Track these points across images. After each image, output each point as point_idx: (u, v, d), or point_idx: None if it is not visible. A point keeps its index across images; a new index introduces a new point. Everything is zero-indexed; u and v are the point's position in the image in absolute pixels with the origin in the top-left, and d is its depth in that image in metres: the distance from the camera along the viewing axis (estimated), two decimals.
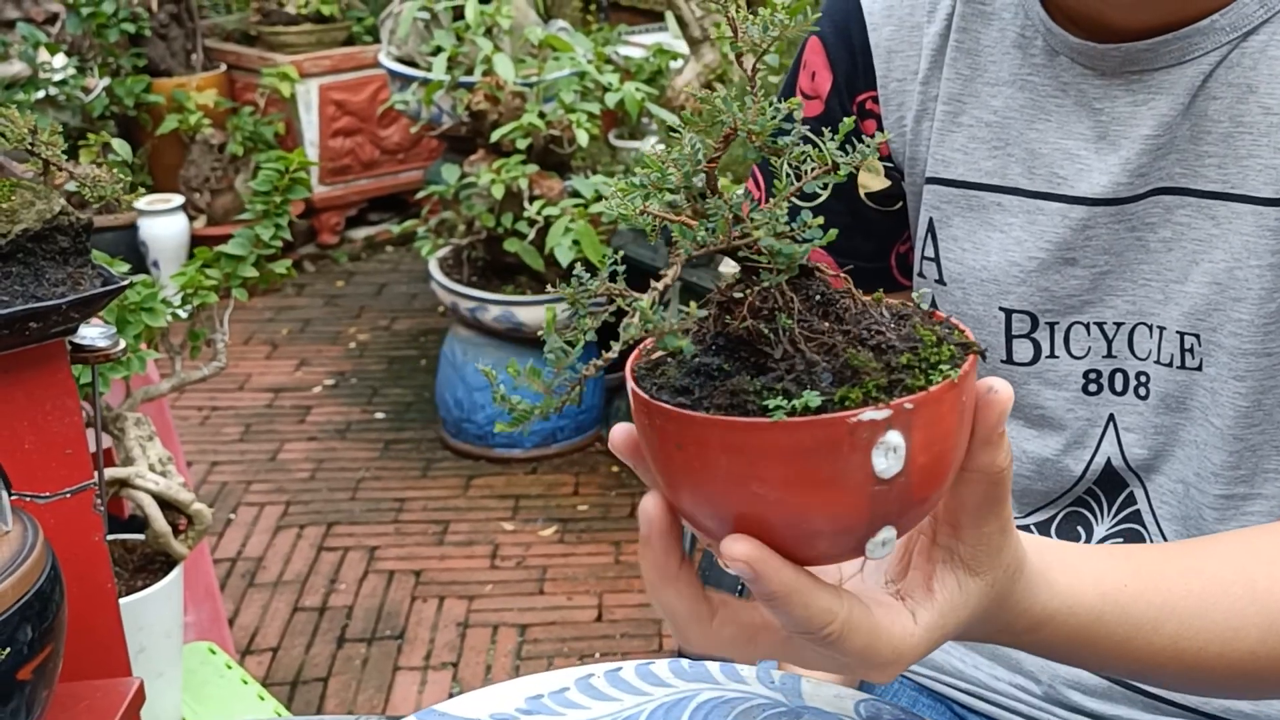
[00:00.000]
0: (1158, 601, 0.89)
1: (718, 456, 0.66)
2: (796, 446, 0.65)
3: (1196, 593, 0.91)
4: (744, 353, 0.69)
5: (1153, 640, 0.89)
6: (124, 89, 5.37)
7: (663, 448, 0.69)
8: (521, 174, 3.76)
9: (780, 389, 0.66)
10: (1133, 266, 1.10)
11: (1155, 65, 1.05)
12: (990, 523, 0.75)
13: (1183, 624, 0.90)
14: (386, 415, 4.51)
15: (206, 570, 2.66)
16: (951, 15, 1.15)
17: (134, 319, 2.13)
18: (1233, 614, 0.91)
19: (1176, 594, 0.90)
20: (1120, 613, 0.87)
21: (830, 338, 0.68)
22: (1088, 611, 0.86)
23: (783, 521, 0.68)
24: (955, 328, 0.73)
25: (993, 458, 0.72)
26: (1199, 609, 0.91)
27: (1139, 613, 0.88)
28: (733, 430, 0.65)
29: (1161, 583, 0.90)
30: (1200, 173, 1.05)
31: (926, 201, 1.17)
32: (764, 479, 0.66)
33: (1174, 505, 1.14)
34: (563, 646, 3.30)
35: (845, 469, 0.65)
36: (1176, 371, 1.10)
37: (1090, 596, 0.86)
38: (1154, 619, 0.89)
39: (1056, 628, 0.85)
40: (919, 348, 0.69)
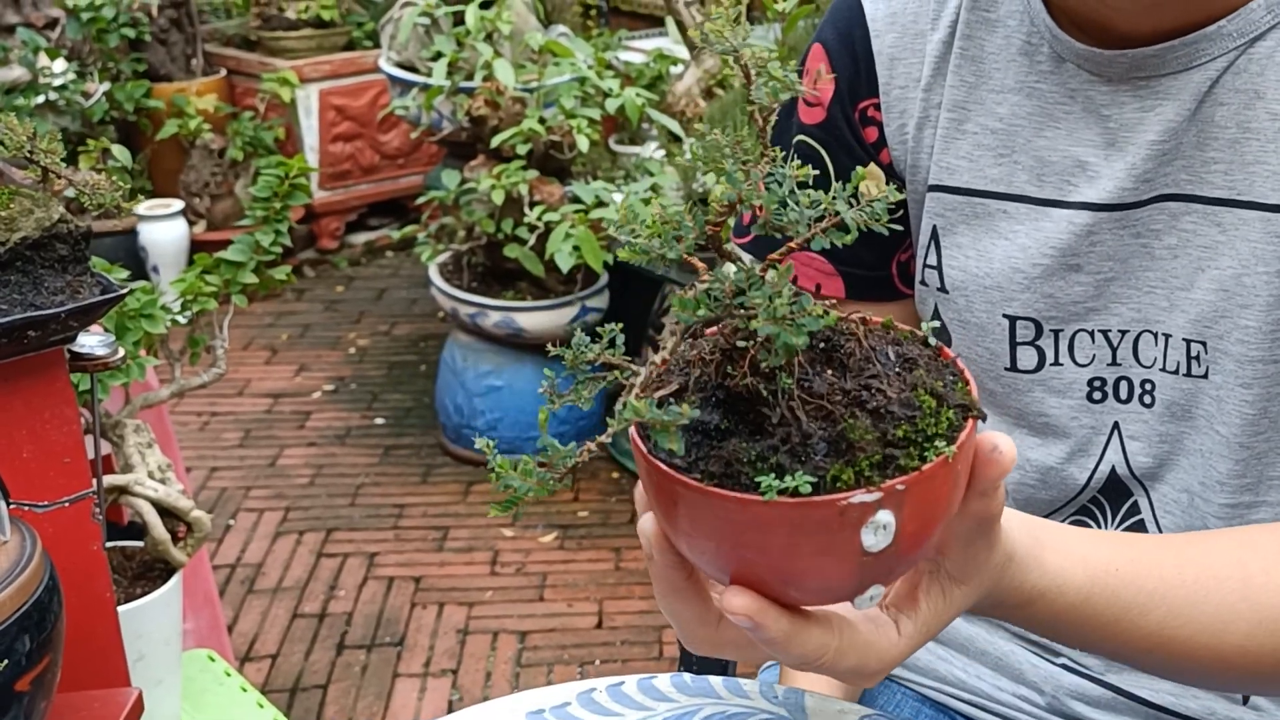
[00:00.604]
0: (1148, 587, 0.90)
1: (711, 520, 0.68)
2: (786, 522, 0.66)
3: (1189, 582, 0.91)
4: (742, 408, 0.70)
5: (1140, 624, 0.89)
6: (124, 94, 5.37)
7: (660, 500, 0.71)
8: (522, 179, 3.76)
9: (774, 462, 0.67)
10: (1138, 273, 1.09)
11: (1162, 71, 1.04)
12: (978, 544, 0.78)
13: (1172, 611, 0.90)
14: (386, 421, 4.50)
15: (206, 577, 2.65)
16: (955, 23, 1.14)
17: (133, 325, 2.12)
18: (1224, 606, 0.91)
19: (1169, 582, 0.91)
20: (1109, 595, 0.88)
21: (829, 401, 0.69)
22: (1076, 591, 0.87)
23: (775, 578, 0.70)
24: (959, 376, 0.73)
25: (987, 506, 0.75)
26: (1190, 598, 0.91)
27: (1128, 597, 0.89)
28: (724, 502, 0.66)
29: (1154, 570, 0.91)
30: (1206, 179, 1.05)
31: (929, 209, 1.17)
32: (755, 546, 0.68)
33: (1178, 514, 1.14)
34: (563, 653, 3.29)
35: (834, 544, 0.67)
36: (1182, 379, 1.09)
37: (1079, 577, 0.87)
38: (1143, 604, 0.89)
39: (1046, 605, 0.86)
40: (917, 418, 0.69)
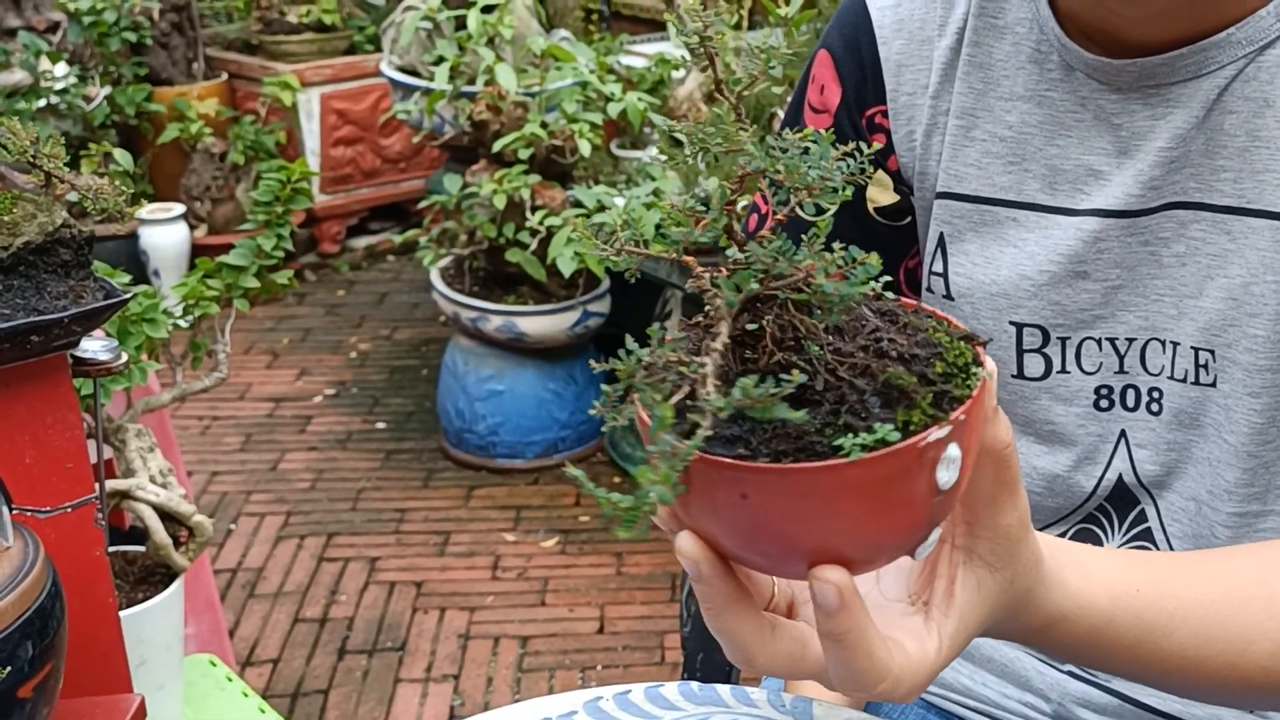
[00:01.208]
0: (1170, 608, 0.89)
1: (790, 501, 0.66)
2: (873, 479, 0.65)
3: (1209, 602, 0.90)
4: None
5: (1163, 646, 0.89)
6: (125, 98, 5.37)
7: (725, 500, 0.67)
8: (523, 184, 3.75)
9: (842, 424, 0.66)
10: (1145, 281, 1.09)
11: (1171, 79, 1.04)
12: (1007, 513, 0.75)
13: (1195, 632, 0.89)
14: (387, 425, 4.49)
15: (207, 581, 2.64)
16: (963, 30, 1.14)
17: (135, 330, 2.12)
18: (1248, 626, 0.90)
19: (1190, 602, 0.90)
20: (1132, 617, 0.87)
21: (860, 358, 0.68)
22: (1099, 613, 0.86)
23: (852, 546, 0.69)
24: (941, 319, 0.73)
25: (994, 433, 0.72)
26: (1213, 618, 0.90)
27: (1151, 618, 0.88)
28: (808, 475, 0.65)
29: (1176, 590, 0.90)
30: (1216, 187, 1.04)
31: (937, 216, 1.16)
32: (840, 514, 0.66)
33: (1185, 523, 1.13)
34: (564, 658, 3.29)
35: (914, 489, 0.67)
36: (1190, 387, 1.09)
37: (1102, 599, 0.86)
38: (1165, 625, 0.88)
39: (1069, 628, 0.85)
40: (944, 353, 0.69)
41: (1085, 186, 1.09)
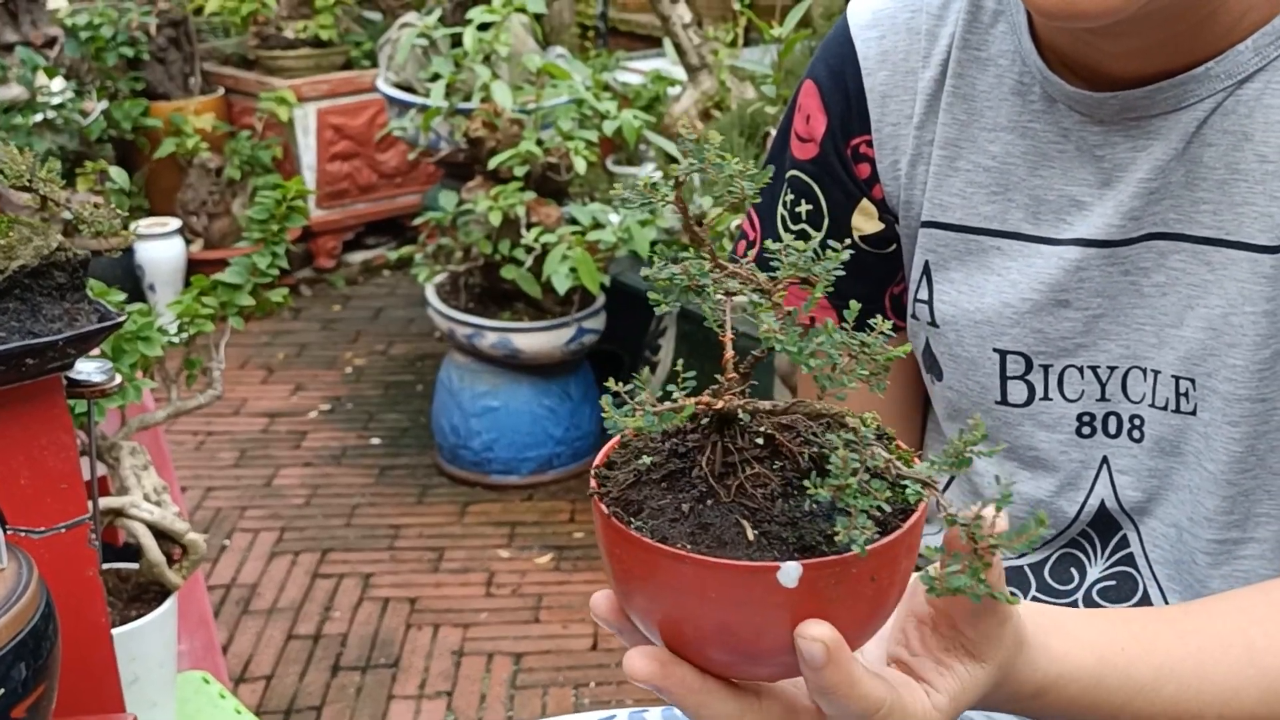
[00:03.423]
0: (1156, 664, 0.91)
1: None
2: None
3: (1195, 654, 0.92)
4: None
5: (1154, 701, 0.91)
6: (122, 112, 5.38)
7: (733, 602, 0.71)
8: (519, 201, 3.77)
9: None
10: (1126, 310, 1.10)
11: (1151, 112, 1.05)
12: (988, 620, 0.80)
13: (1182, 686, 0.91)
14: (382, 441, 4.50)
15: (200, 598, 2.65)
16: (947, 61, 1.15)
17: (130, 348, 2.12)
18: (1232, 675, 0.92)
19: (1175, 656, 0.92)
20: (1120, 676, 0.89)
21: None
22: (1088, 675, 0.88)
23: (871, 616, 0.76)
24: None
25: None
26: (1198, 671, 0.92)
27: (1139, 676, 0.90)
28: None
29: (1159, 645, 0.92)
30: (1195, 218, 1.06)
31: (922, 244, 1.18)
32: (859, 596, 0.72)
33: (1167, 549, 1.14)
34: (558, 675, 3.30)
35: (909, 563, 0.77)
36: (1171, 415, 1.10)
37: (1089, 660, 0.88)
38: (1153, 681, 0.90)
39: (1059, 693, 0.87)
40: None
41: (1067, 216, 1.11)
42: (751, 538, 0.70)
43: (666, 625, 0.73)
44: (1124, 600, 1.17)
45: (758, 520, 0.71)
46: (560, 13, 5.39)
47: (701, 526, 0.71)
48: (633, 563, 0.71)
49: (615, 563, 0.73)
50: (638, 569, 0.71)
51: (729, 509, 0.71)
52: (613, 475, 0.76)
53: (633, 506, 0.73)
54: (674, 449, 0.76)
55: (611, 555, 0.73)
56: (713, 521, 0.71)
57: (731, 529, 0.70)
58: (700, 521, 0.71)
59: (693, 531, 0.71)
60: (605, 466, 0.77)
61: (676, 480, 0.74)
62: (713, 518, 0.71)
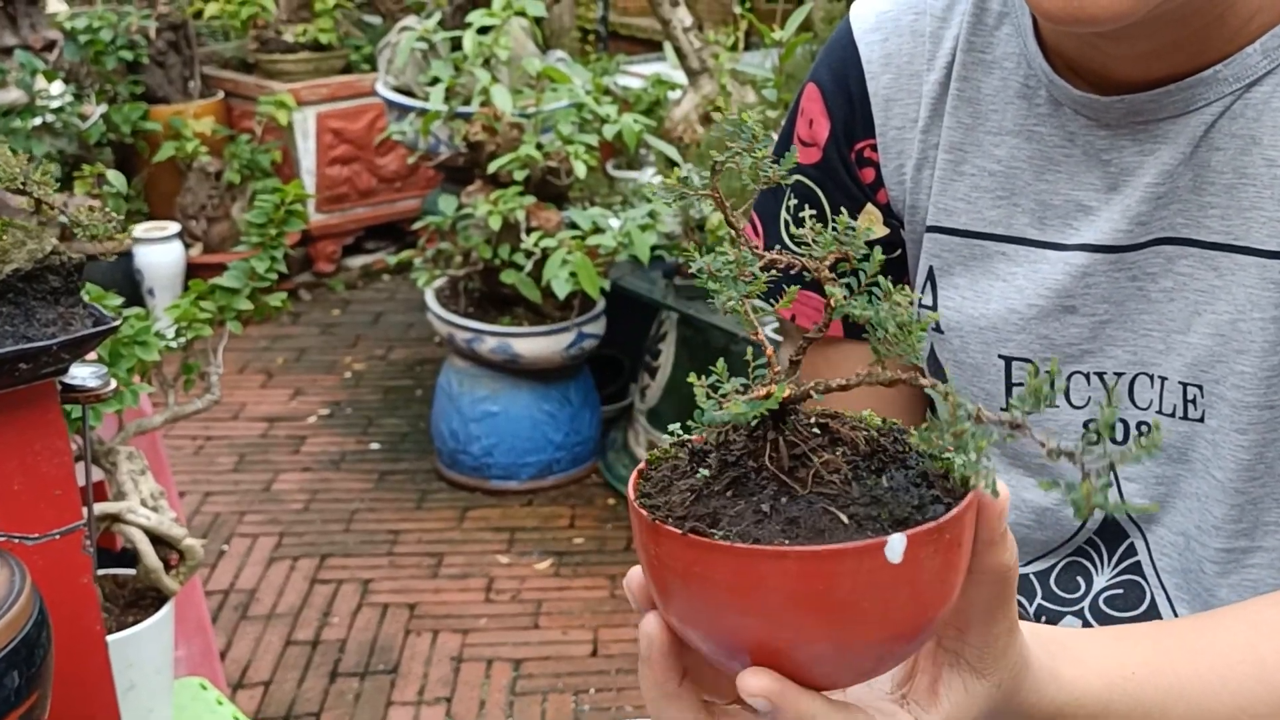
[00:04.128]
0: (1164, 685, 0.90)
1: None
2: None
3: (1204, 673, 0.91)
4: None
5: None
6: (121, 116, 5.37)
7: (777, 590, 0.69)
8: (519, 205, 3.76)
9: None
10: (1133, 316, 1.09)
11: (1159, 116, 1.04)
12: (999, 623, 0.77)
13: (1192, 706, 0.90)
14: (382, 446, 4.49)
15: (198, 603, 2.64)
16: (951, 64, 1.14)
17: (127, 352, 2.11)
18: (1241, 693, 0.91)
19: (1184, 676, 0.90)
20: (1130, 700, 0.88)
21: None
22: (1095, 700, 0.86)
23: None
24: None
25: (999, 557, 0.74)
26: (1207, 690, 0.91)
27: (1148, 698, 0.89)
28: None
29: (1168, 665, 0.90)
30: (1203, 223, 1.04)
31: (927, 250, 1.16)
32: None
33: (1174, 557, 1.13)
34: (557, 682, 3.28)
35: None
36: (1179, 422, 1.09)
37: (1097, 686, 0.87)
38: (1163, 703, 0.89)
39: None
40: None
41: (1074, 222, 1.09)
42: (846, 521, 0.68)
43: (763, 640, 0.69)
44: (1131, 609, 1.15)
45: (841, 505, 0.69)
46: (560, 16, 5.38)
47: (790, 522, 0.68)
48: (723, 577, 0.67)
49: (697, 585, 0.69)
50: (731, 583, 0.67)
51: (810, 500, 0.69)
52: (659, 503, 0.72)
53: (706, 520, 0.69)
54: (724, 459, 0.72)
55: (691, 577, 0.69)
56: (799, 515, 0.68)
57: (822, 518, 0.68)
58: (787, 517, 0.68)
59: (783, 528, 0.68)
60: (644, 495, 0.73)
61: (743, 485, 0.71)
62: (797, 511, 0.68)
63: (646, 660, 0.74)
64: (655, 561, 0.71)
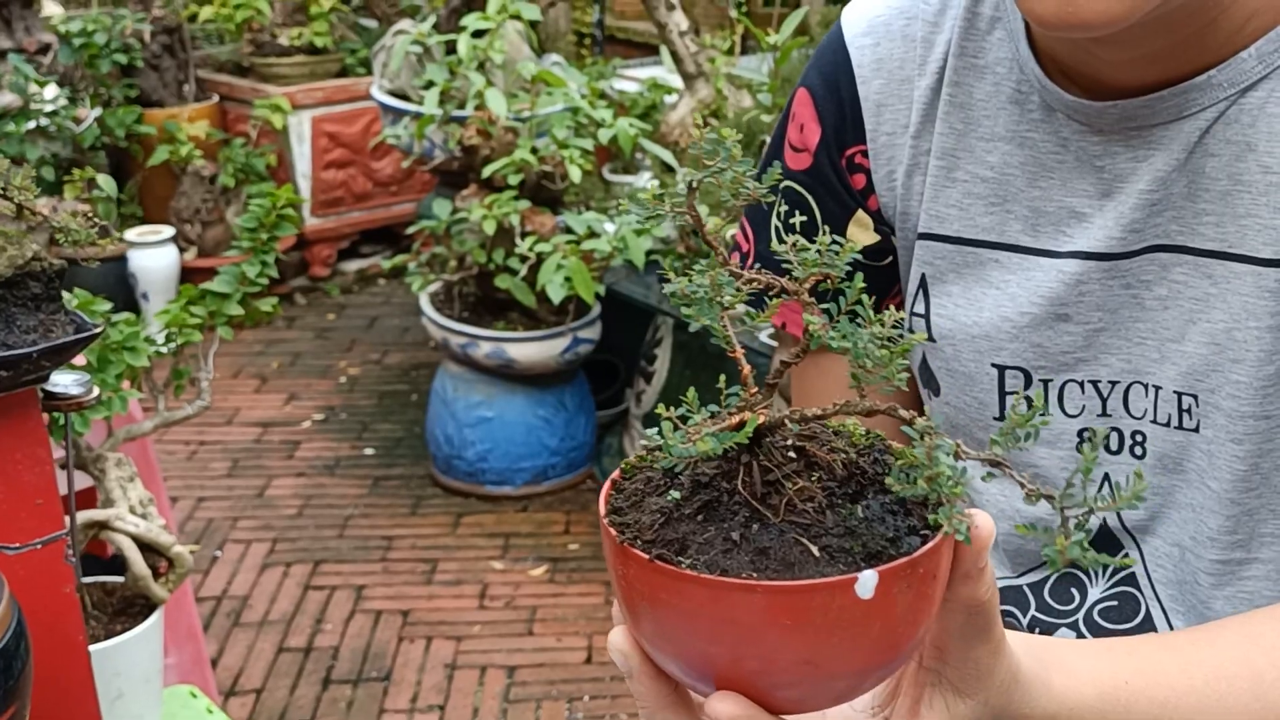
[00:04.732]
0: (1160, 698, 0.88)
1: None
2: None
3: (1199, 687, 0.90)
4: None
5: None
6: (115, 120, 5.35)
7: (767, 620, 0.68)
8: (513, 210, 3.74)
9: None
10: (1128, 324, 1.07)
11: (1152, 121, 1.02)
12: (978, 648, 0.76)
13: (1186, 719, 0.88)
14: (376, 451, 4.47)
15: (189, 611, 2.62)
16: (943, 69, 1.12)
17: (115, 358, 2.10)
18: (1236, 708, 0.90)
19: (1179, 689, 0.89)
20: (1123, 711, 0.86)
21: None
22: (1089, 710, 0.85)
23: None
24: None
25: (973, 591, 0.72)
26: (1203, 704, 0.89)
27: (1141, 710, 0.87)
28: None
29: (1163, 678, 0.89)
30: (1198, 231, 1.03)
31: (919, 257, 1.15)
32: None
33: (1169, 568, 1.11)
34: (551, 689, 3.27)
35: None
36: (1173, 432, 1.07)
37: (1090, 697, 0.85)
38: (1156, 716, 0.88)
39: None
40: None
41: (1067, 228, 1.08)
42: (817, 554, 0.66)
43: (729, 666, 0.68)
44: (1126, 621, 1.14)
45: (813, 536, 0.67)
46: (556, 20, 5.37)
47: (760, 552, 0.66)
48: (690, 606, 0.66)
49: (663, 610, 0.67)
50: (697, 611, 0.66)
51: (782, 529, 0.67)
52: (629, 520, 0.70)
53: (674, 545, 0.67)
54: (696, 479, 0.70)
55: (658, 603, 0.67)
56: (769, 545, 0.66)
57: (793, 549, 0.66)
58: (757, 547, 0.66)
59: (752, 559, 0.66)
60: (615, 511, 0.71)
61: (714, 510, 0.69)
62: (768, 541, 0.66)
63: (632, 677, 0.73)
64: (623, 582, 0.69)
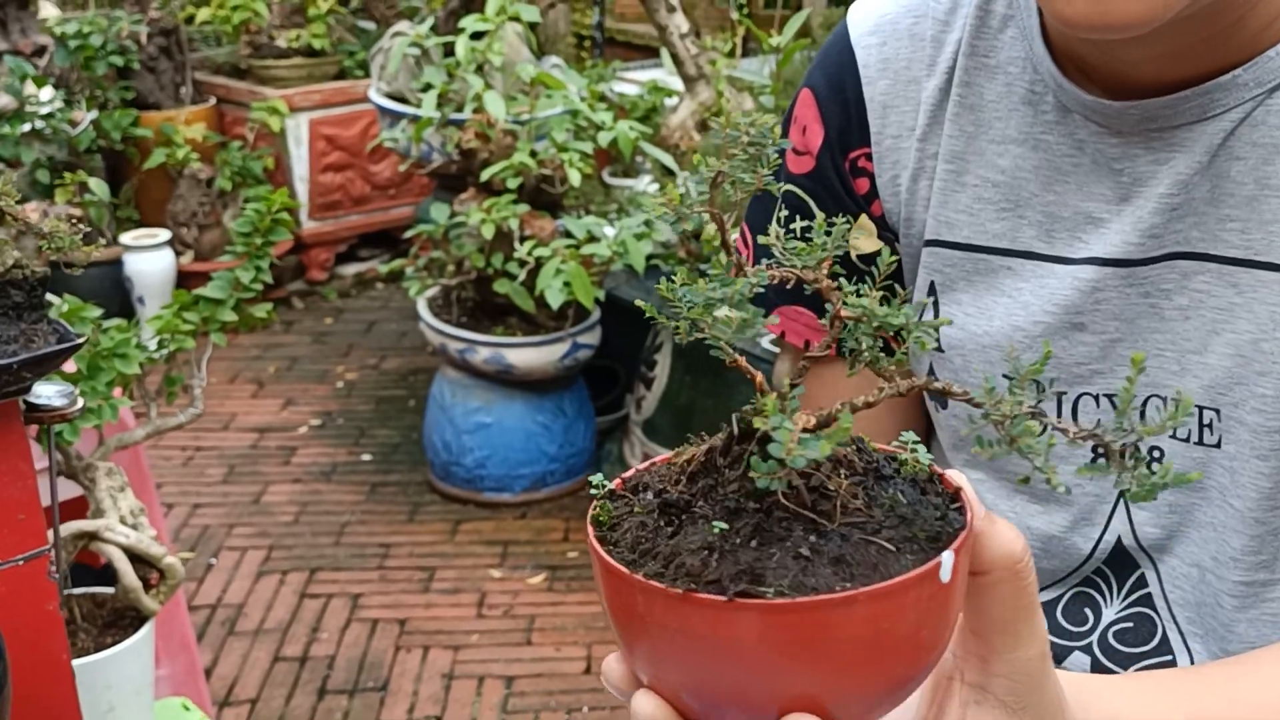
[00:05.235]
0: None
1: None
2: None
3: None
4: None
5: None
6: (111, 122, 5.32)
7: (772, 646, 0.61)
8: (512, 214, 3.70)
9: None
10: (1145, 335, 1.03)
11: (1175, 122, 0.98)
12: (1027, 644, 0.70)
13: None
14: (373, 457, 4.43)
15: (182, 621, 2.58)
16: (953, 69, 1.08)
17: (106, 365, 2.06)
18: None
19: None
20: None
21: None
22: None
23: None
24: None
25: (1001, 543, 0.67)
26: None
27: None
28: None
29: (1205, 715, 0.84)
30: (1221, 237, 0.99)
31: (926, 264, 1.10)
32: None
33: (1188, 589, 1.07)
34: (550, 700, 3.23)
35: None
36: (1193, 448, 1.03)
37: None
38: None
39: None
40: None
41: (1083, 234, 1.04)
42: (893, 549, 0.61)
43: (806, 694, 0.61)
44: (1142, 644, 1.10)
45: (872, 532, 0.62)
46: (556, 22, 5.33)
47: (837, 561, 0.61)
48: (784, 636, 0.59)
49: (738, 649, 0.60)
50: (791, 640, 0.59)
51: (844, 534, 0.62)
52: (661, 568, 0.62)
53: (745, 577, 0.60)
54: (723, 505, 0.64)
55: (731, 644, 0.60)
56: (843, 552, 0.61)
57: (867, 550, 0.61)
58: (834, 557, 0.61)
59: (835, 570, 0.60)
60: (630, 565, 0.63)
61: (766, 531, 0.62)
62: (838, 548, 0.61)
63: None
64: (676, 632, 0.61)
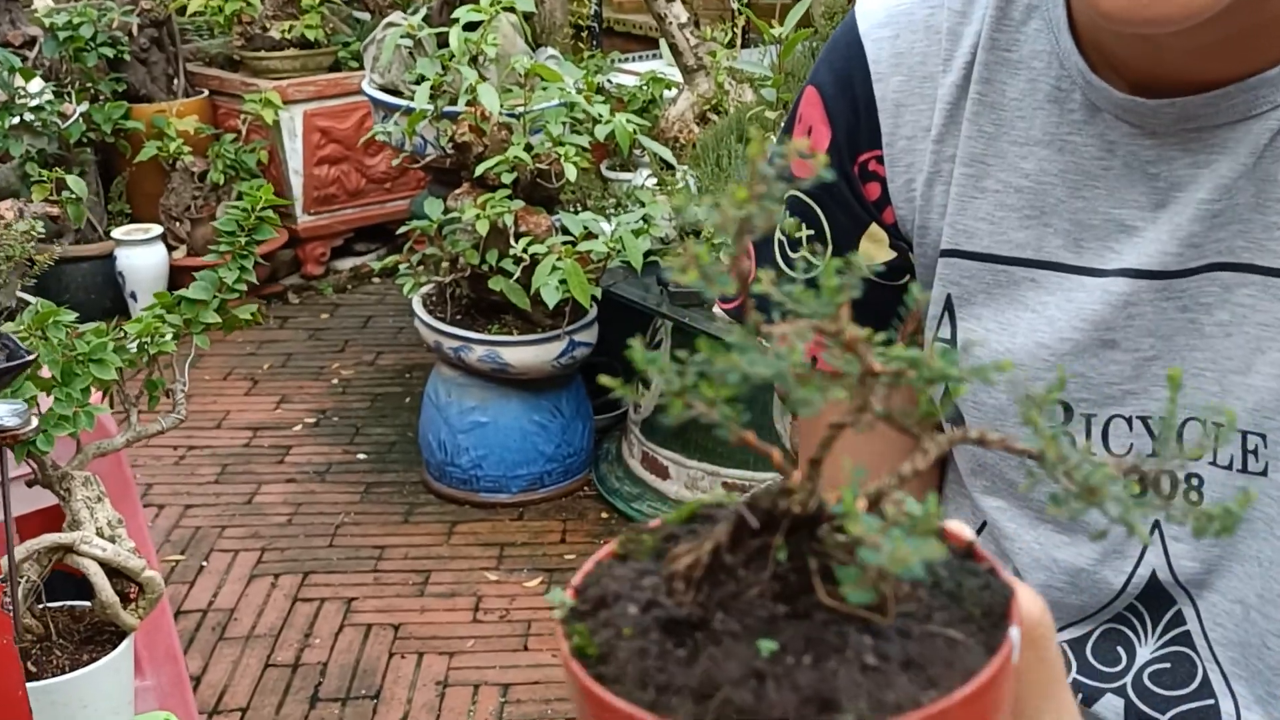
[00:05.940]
0: None
1: None
2: None
3: None
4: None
5: None
6: (102, 115, 5.23)
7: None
8: (507, 209, 3.62)
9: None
10: (1183, 353, 0.95)
11: (1216, 122, 0.89)
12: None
13: None
14: (368, 456, 4.35)
15: (168, 630, 2.50)
16: (971, 64, 0.99)
17: (82, 371, 1.98)
18: None
19: None
20: None
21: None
22: None
23: None
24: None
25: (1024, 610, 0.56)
26: None
27: None
28: None
29: None
30: (1268, 247, 0.90)
31: (943, 276, 1.02)
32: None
33: (1230, 628, 0.99)
34: (547, 708, 3.15)
35: None
36: (1236, 475, 0.94)
37: None
38: None
39: None
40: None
41: (1114, 244, 0.95)
42: (960, 637, 0.53)
43: None
44: (1181, 686, 1.01)
45: (928, 619, 0.53)
46: (552, 12, 5.24)
47: (907, 665, 0.52)
48: None
49: None
50: None
51: (903, 629, 0.53)
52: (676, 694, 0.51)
53: (812, 705, 0.51)
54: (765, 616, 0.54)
55: None
56: (912, 654, 0.52)
57: (935, 644, 0.52)
58: (903, 660, 0.52)
59: (911, 678, 0.52)
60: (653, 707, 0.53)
61: (817, 643, 0.53)
62: (904, 650, 0.52)
63: None
64: None
